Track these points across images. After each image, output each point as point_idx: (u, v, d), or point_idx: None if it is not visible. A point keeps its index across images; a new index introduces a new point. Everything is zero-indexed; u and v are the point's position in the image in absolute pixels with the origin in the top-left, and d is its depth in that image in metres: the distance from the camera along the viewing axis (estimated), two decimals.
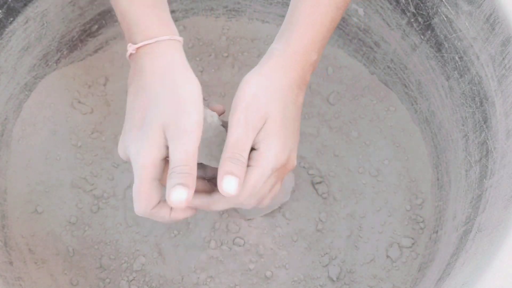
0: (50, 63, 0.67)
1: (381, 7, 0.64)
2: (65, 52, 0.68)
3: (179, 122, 0.42)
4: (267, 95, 0.46)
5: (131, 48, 0.46)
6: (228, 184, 0.43)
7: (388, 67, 0.69)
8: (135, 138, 0.44)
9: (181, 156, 0.41)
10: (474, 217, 0.50)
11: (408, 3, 0.61)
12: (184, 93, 0.43)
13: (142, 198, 0.43)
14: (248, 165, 0.45)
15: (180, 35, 0.73)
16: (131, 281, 0.60)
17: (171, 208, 0.45)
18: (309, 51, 0.48)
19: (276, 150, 0.45)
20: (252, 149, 0.45)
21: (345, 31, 0.70)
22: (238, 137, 0.44)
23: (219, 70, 0.73)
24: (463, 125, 0.58)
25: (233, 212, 0.64)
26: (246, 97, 0.45)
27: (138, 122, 0.44)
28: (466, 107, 0.57)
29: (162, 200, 0.44)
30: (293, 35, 0.48)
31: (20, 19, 0.60)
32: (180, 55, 0.46)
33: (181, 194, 0.41)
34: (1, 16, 0.58)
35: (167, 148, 0.43)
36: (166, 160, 0.44)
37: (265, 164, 0.45)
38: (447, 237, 0.56)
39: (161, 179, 0.44)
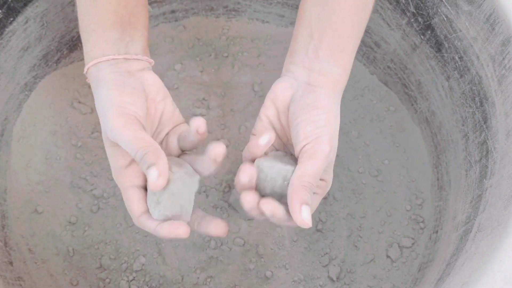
0: (50, 63, 0.67)
1: (381, 7, 0.64)
2: (65, 52, 0.68)
3: (105, 126, 0.44)
4: (336, 124, 0.46)
5: (87, 80, 0.49)
6: (307, 214, 0.42)
7: (388, 67, 0.69)
8: None
9: (130, 148, 0.43)
10: (474, 217, 0.50)
11: (408, 3, 0.61)
12: (102, 103, 0.45)
13: (127, 206, 0.45)
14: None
15: (180, 35, 0.74)
16: (131, 281, 0.60)
17: (159, 223, 0.45)
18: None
19: (331, 179, 0.47)
20: None
21: None
22: (319, 170, 0.44)
23: (219, 70, 0.73)
24: (463, 125, 0.58)
25: (233, 212, 0.64)
26: (330, 127, 0.45)
27: None
28: (466, 107, 0.57)
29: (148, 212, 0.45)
30: (347, 58, 0.47)
31: (20, 19, 0.60)
32: (109, 73, 0.47)
33: (153, 173, 0.41)
34: (1, 16, 0.58)
35: (123, 153, 0.45)
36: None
37: (324, 193, 0.47)
38: (447, 237, 0.56)
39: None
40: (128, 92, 0.45)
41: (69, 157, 0.65)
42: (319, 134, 0.44)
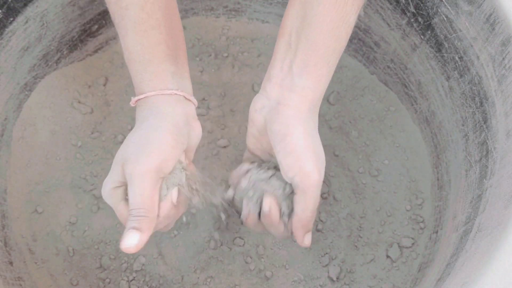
0: (50, 63, 0.67)
1: (381, 7, 0.64)
2: (65, 52, 0.68)
3: (136, 164, 0.43)
4: (312, 142, 0.47)
5: (131, 102, 0.49)
6: (308, 240, 0.49)
7: (388, 67, 0.69)
8: None
9: (137, 200, 0.43)
10: (474, 217, 0.50)
11: (408, 3, 0.61)
12: (152, 138, 0.44)
13: (122, 221, 0.46)
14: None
15: None
16: (131, 281, 0.60)
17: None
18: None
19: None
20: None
21: None
22: (317, 199, 0.46)
23: (219, 70, 0.73)
24: (463, 125, 0.58)
25: (233, 212, 0.64)
26: (309, 151, 0.45)
27: None
28: (466, 107, 0.57)
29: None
30: (321, 71, 0.46)
31: (20, 19, 0.60)
32: (166, 108, 0.46)
33: (133, 239, 0.42)
34: (1, 16, 0.58)
35: (123, 184, 0.45)
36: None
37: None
38: (447, 237, 0.56)
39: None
40: (178, 148, 0.45)
41: (69, 157, 0.65)
42: (302, 165, 0.45)
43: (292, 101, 0.46)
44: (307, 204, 0.46)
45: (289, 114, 0.46)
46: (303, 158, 0.45)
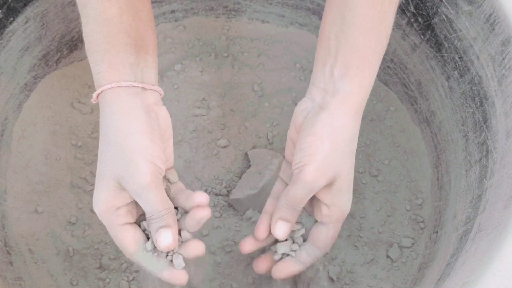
0: (50, 63, 0.67)
1: None
2: (65, 52, 0.68)
3: (133, 180, 0.42)
4: (340, 152, 0.45)
5: (92, 100, 0.46)
6: (280, 229, 0.47)
7: (388, 67, 0.69)
8: (95, 189, 0.45)
9: (151, 208, 0.43)
10: (474, 217, 0.50)
11: (408, 3, 0.61)
12: (131, 147, 0.43)
13: (117, 243, 0.45)
14: (322, 222, 0.48)
15: (180, 35, 0.74)
16: (131, 281, 0.60)
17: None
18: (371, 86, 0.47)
19: (348, 205, 0.48)
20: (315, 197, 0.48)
21: None
22: (300, 196, 0.46)
23: (219, 70, 0.73)
24: (463, 125, 0.58)
25: (233, 211, 0.64)
26: (318, 155, 0.44)
27: (96, 173, 0.45)
28: (466, 107, 0.57)
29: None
30: (364, 73, 0.45)
31: (20, 19, 0.60)
32: (127, 102, 0.44)
33: (167, 236, 0.43)
34: (1, 16, 0.58)
35: (123, 196, 0.44)
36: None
37: (341, 220, 0.48)
38: (447, 237, 0.56)
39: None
40: (157, 142, 0.44)
41: (69, 157, 0.65)
42: (304, 162, 0.44)
43: (331, 105, 0.45)
44: (289, 192, 0.46)
45: (323, 116, 0.45)
46: (310, 158, 0.44)
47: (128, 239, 0.45)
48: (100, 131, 0.45)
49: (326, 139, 0.44)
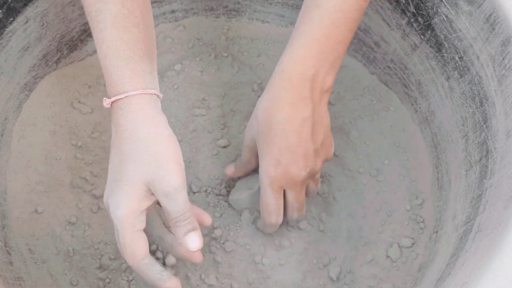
0: (50, 63, 0.67)
1: (381, 7, 0.64)
2: (65, 52, 0.68)
3: (164, 182, 0.43)
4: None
5: (105, 103, 0.47)
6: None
7: (388, 67, 0.69)
8: (114, 190, 0.45)
9: (179, 208, 0.44)
10: (474, 217, 0.50)
11: (408, 3, 0.61)
12: (161, 150, 0.44)
13: (128, 249, 0.45)
14: None
15: (180, 35, 0.74)
16: (131, 281, 0.60)
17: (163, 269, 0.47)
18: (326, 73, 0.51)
19: (264, 169, 0.52)
20: None
21: None
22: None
23: (219, 70, 0.73)
24: (463, 125, 0.58)
25: (233, 211, 0.64)
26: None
27: (116, 176, 0.45)
28: (466, 107, 0.57)
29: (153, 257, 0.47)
30: (300, 44, 0.50)
31: (20, 19, 0.60)
32: (151, 109, 0.46)
33: (198, 239, 0.45)
34: (1, 16, 0.58)
35: (148, 200, 0.45)
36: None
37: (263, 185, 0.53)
38: (447, 237, 0.56)
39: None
40: (179, 147, 0.46)
41: (69, 157, 0.65)
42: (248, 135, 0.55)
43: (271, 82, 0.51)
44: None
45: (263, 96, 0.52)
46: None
47: (143, 244, 0.45)
48: (120, 135, 0.46)
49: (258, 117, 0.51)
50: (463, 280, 0.42)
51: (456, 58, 0.57)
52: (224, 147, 0.68)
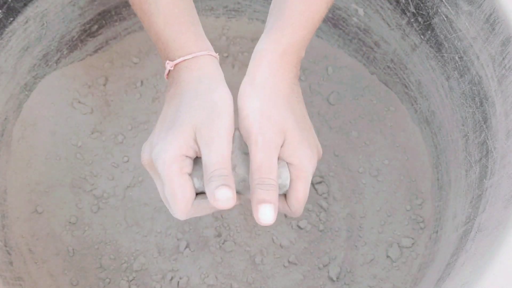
0: (50, 63, 0.67)
1: (381, 7, 0.64)
2: (65, 52, 0.68)
3: (212, 126, 0.42)
4: (275, 107, 0.45)
5: (169, 65, 0.48)
6: (264, 214, 0.41)
7: (388, 67, 0.69)
8: (163, 137, 0.44)
9: (218, 159, 0.41)
10: (474, 217, 0.50)
11: (408, 3, 0.61)
12: (217, 99, 0.44)
13: (179, 195, 0.42)
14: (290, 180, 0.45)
15: None
16: (131, 281, 0.60)
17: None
18: (300, 48, 0.48)
19: (308, 157, 0.45)
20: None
21: (345, 31, 0.70)
22: (261, 162, 0.42)
23: None
24: (463, 125, 0.58)
25: (233, 212, 0.64)
26: (255, 117, 0.44)
27: (168, 124, 0.45)
28: (466, 107, 0.57)
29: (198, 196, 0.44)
30: (284, 34, 0.47)
31: (20, 19, 0.60)
32: (216, 68, 0.48)
33: (227, 193, 0.40)
34: (1, 16, 0.58)
35: (193, 149, 0.43)
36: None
37: (306, 175, 0.44)
38: (447, 237, 0.56)
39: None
40: (233, 105, 0.46)
41: (69, 157, 0.65)
42: (246, 124, 0.44)
43: (249, 68, 0.47)
44: (252, 167, 0.43)
45: (246, 82, 0.46)
46: (246, 115, 0.44)
47: (190, 186, 0.43)
48: (181, 90, 0.46)
49: (255, 100, 0.45)
50: (463, 280, 0.42)
51: (456, 58, 0.57)
52: None
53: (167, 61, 0.48)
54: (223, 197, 0.40)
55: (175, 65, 0.47)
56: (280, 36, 0.47)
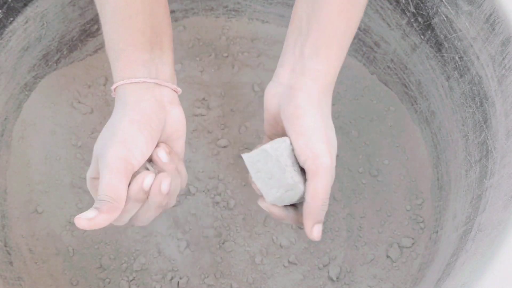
0: (50, 63, 0.67)
1: (381, 7, 0.64)
2: (65, 52, 0.68)
3: (102, 156, 0.43)
4: (330, 126, 0.46)
5: (112, 94, 0.48)
6: (319, 232, 0.46)
7: (388, 67, 0.69)
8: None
9: (101, 188, 0.43)
10: (474, 217, 0.50)
11: (408, 3, 0.61)
12: (116, 128, 0.44)
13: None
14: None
15: (180, 35, 0.74)
16: (131, 281, 0.60)
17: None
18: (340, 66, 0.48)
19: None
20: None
21: None
22: (326, 187, 0.44)
23: (219, 70, 0.73)
24: (463, 125, 0.58)
25: (232, 214, 0.64)
26: (319, 134, 0.44)
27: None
28: (466, 107, 0.57)
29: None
30: (333, 53, 0.46)
31: (20, 19, 0.60)
32: (131, 97, 0.46)
33: (89, 213, 0.42)
34: (1, 16, 0.58)
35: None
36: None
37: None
38: (447, 237, 0.56)
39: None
40: (145, 136, 0.44)
41: (69, 157, 0.65)
42: (312, 147, 0.44)
43: (304, 85, 0.46)
44: (317, 190, 0.44)
45: (302, 97, 0.45)
46: (314, 140, 0.44)
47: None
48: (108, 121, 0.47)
49: (316, 117, 0.45)
50: (463, 280, 0.42)
51: (456, 58, 0.57)
52: (224, 147, 0.68)
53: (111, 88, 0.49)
54: (81, 214, 0.42)
55: (114, 91, 0.48)
56: (331, 57, 0.46)
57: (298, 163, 0.46)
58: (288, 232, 0.63)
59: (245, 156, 0.46)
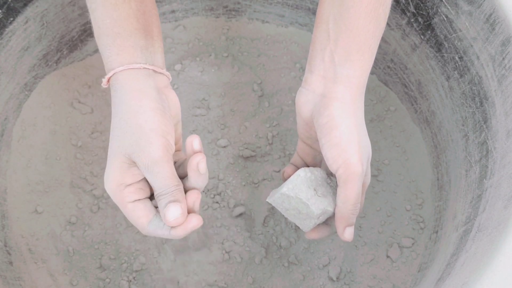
0: (50, 63, 0.67)
1: None
2: (65, 52, 0.68)
3: (144, 153, 0.42)
4: (364, 134, 0.47)
5: (103, 84, 0.47)
6: (351, 234, 0.48)
7: (388, 67, 0.69)
8: (107, 166, 0.45)
9: (161, 183, 0.43)
10: (474, 217, 0.50)
11: (408, 3, 0.61)
12: (143, 123, 0.43)
13: (133, 221, 0.45)
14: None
15: (180, 35, 0.74)
16: (131, 281, 0.60)
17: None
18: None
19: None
20: None
21: None
22: (358, 192, 0.45)
23: (219, 70, 0.73)
24: (463, 125, 0.58)
25: (232, 218, 0.64)
26: (354, 145, 0.45)
27: (108, 151, 0.45)
28: (466, 107, 0.57)
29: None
30: (364, 57, 0.45)
31: (20, 19, 0.60)
32: (138, 83, 0.45)
33: (175, 210, 0.42)
34: (1, 16, 0.58)
35: (132, 174, 0.44)
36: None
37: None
38: (447, 237, 0.56)
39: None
40: (168, 120, 0.44)
41: (69, 157, 0.65)
42: (345, 157, 0.44)
43: (337, 92, 0.45)
44: (348, 196, 0.45)
45: (335, 106, 0.45)
46: (348, 151, 0.44)
47: (141, 214, 0.44)
48: (112, 111, 0.45)
49: (350, 126, 0.45)
50: (463, 280, 0.42)
51: (456, 58, 0.57)
52: (224, 147, 0.68)
53: (102, 79, 0.47)
54: (171, 214, 0.42)
55: (107, 82, 0.46)
56: (363, 61, 0.46)
57: (322, 179, 0.48)
58: (288, 232, 0.63)
59: (271, 200, 0.48)
